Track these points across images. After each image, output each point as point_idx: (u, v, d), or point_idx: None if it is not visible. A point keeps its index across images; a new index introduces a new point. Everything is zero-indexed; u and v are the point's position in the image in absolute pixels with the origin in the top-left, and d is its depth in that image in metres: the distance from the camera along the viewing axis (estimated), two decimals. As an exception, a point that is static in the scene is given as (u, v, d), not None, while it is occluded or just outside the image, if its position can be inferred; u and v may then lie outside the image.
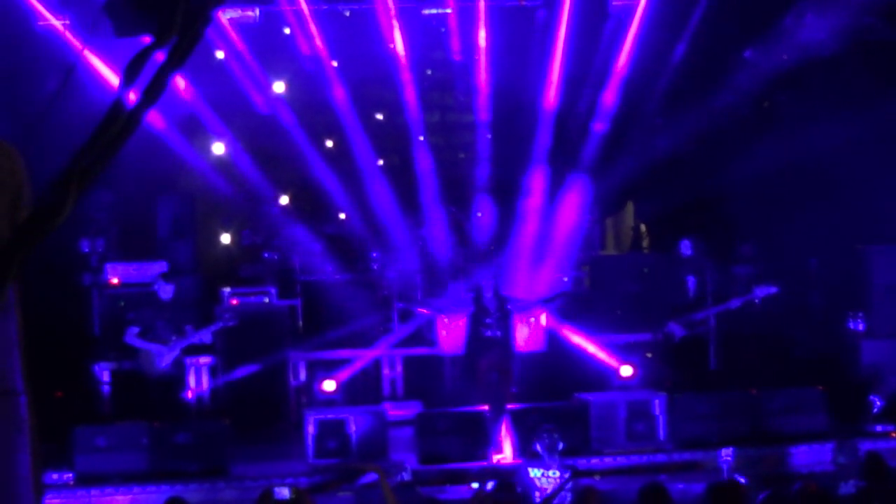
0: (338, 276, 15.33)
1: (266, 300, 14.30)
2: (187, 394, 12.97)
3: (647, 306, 14.11)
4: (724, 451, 10.16)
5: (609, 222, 18.96)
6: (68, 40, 13.60)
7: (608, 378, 12.97)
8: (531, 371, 13.26)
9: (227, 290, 14.32)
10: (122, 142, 2.74)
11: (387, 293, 14.84)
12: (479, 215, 15.98)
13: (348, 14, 15.57)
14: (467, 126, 17.35)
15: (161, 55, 2.83)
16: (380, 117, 18.03)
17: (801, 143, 13.66)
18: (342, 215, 16.74)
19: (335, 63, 15.55)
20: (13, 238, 2.77)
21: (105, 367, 13.19)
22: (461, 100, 17.28)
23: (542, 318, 13.80)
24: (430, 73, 17.50)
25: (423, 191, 16.06)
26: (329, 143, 17.51)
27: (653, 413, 11.94)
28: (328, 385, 12.57)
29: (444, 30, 15.76)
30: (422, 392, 13.73)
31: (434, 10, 15.42)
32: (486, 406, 11.80)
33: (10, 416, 3.53)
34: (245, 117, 15.79)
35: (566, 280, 15.11)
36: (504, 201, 15.76)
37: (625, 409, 11.91)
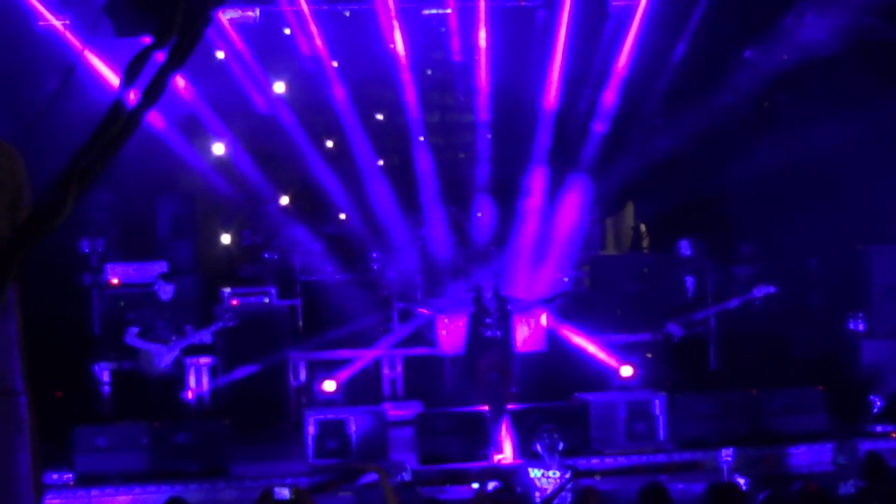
0: (338, 276, 15.33)
1: (266, 300, 14.29)
2: (187, 394, 12.96)
3: (647, 306, 14.10)
4: (725, 452, 10.17)
5: (609, 222, 18.95)
6: (68, 40, 13.60)
7: (608, 378, 12.97)
8: (531, 371, 13.26)
9: (227, 290, 14.31)
10: (123, 142, 2.74)
11: (387, 293, 14.84)
12: (479, 215, 15.98)
13: (348, 14, 15.56)
14: (467, 126, 17.35)
15: (161, 55, 2.82)
16: (380, 117, 18.03)
17: (801, 143, 13.65)
18: (342, 215, 16.74)
19: (335, 63, 15.54)
20: (13, 238, 2.77)
21: (105, 367, 13.19)
22: (461, 100, 17.27)
23: (542, 318, 13.79)
24: (430, 73, 17.50)
25: (423, 191, 16.05)
26: (329, 144, 17.51)
27: (653, 413, 11.93)
28: (328, 385, 12.57)
29: (444, 30, 15.75)
30: (422, 392, 13.72)
31: (434, 11, 15.42)
32: (486, 406, 11.79)
33: (10, 416, 3.53)
34: (245, 117, 15.79)
35: (566, 280, 15.11)
36: (504, 201, 15.76)
37: (625, 409, 11.90)
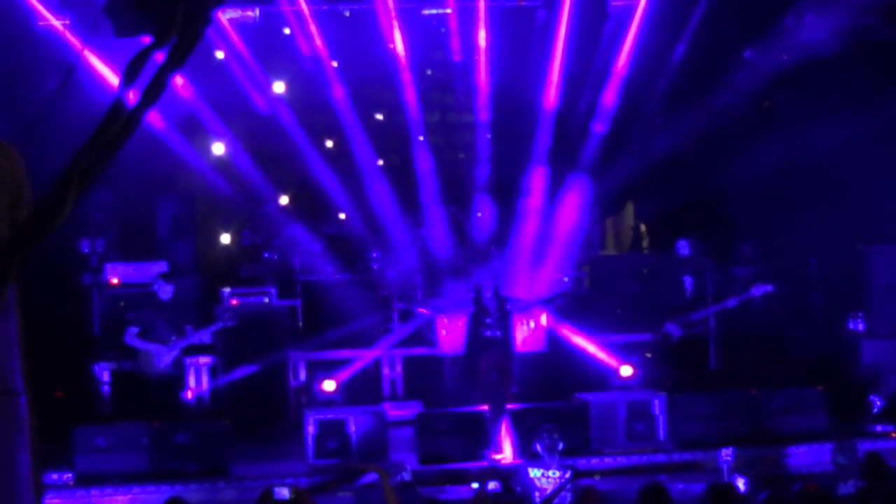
0: (338, 277, 15.33)
1: (266, 300, 14.29)
2: (187, 394, 12.96)
3: (646, 306, 14.10)
4: (725, 452, 10.17)
5: (609, 222, 18.95)
6: (68, 40, 13.60)
7: (608, 378, 12.97)
8: (531, 371, 13.25)
9: (227, 290, 14.31)
10: (122, 142, 2.74)
11: (387, 293, 14.84)
12: (479, 215, 15.98)
13: (348, 14, 15.57)
14: (467, 126, 17.35)
15: (161, 55, 2.82)
16: (380, 117, 18.03)
17: (801, 143, 13.65)
18: (342, 215, 16.74)
19: (335, 63, 15.55)
20: (13, 238, 2.77)
21: (105, 367, 13.19)
22: (461, 100, 17.27)
23: (542, 318, 13.79)
24: (430, 73, 17.50)
25: (423, 191, 16.06)
26: (329, 144, 17.51)
27: (653, 413, 11.93)
28: (328, 385, 12.57)
29: (444, 30, 15.75)
30: (422, 392, 13.72)
31: (434, 11, 15.42)
32: (486, 406, 11.78)
33: (10, 416, 3.53)
34: (245, 117, 15.79)
35: (566, 280, 15.11)
36: (504, 201, 15.76)
37: (625, 409, 11.90)
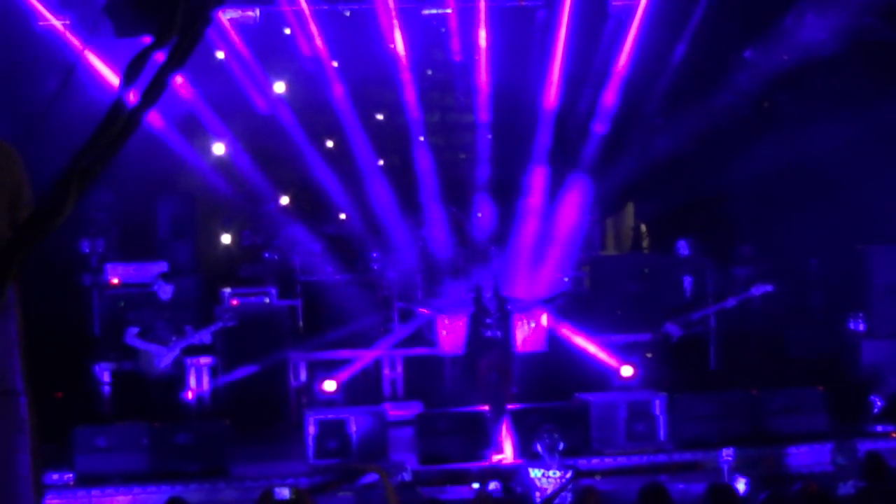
0: (338, 277, 15.33)
1: (266, 300, 14.30)
2: (187, 394, 12.96)
3: (647, 306, 14.10)
4: (725, 452, 10.17)
5: (609, 222, 18.95)
6: (68, 40, 13.60)
7: (608, 378, 12.97)
8: (531, 371, 13.25)
9: (228, 290, 14.32)
10: (123, 142, 2.74)
11: (387, 293, 14.84)
12: (479, 215, 15.98)
13: (348, 14, 15.56)
14: (467, 126, 17.35)
15: (161, 55, 2.82)
16: (380, 117, 18.02)
17: (801, 143, 13.66)
18: (342, 215, 16.74)
19: (335, 63, 15.55)
20: (13, 238, 2.77)
21: (105, 367, 13.19)
22: (461, 100, 17.27)
23: (543, 319, 13.79)
24: (430, 73, 17.50)
25: (424, 191, 16.06)
26: (329, 144, 17.51)
27: (653, 413, 11.92)
28: (328, 385, 12.57)
29: (444, 30, 15.75)
30: (422, 392, 13.72)
31: (434, 11, 15.42)
32: (486, 406, 11.78)
33: (11, 416, 3.53)
34: (245, 117, 15.79)
35: (566, 280, 15.11)
36: (504, 201, 15.76)
37: (625, 409, 11.90)
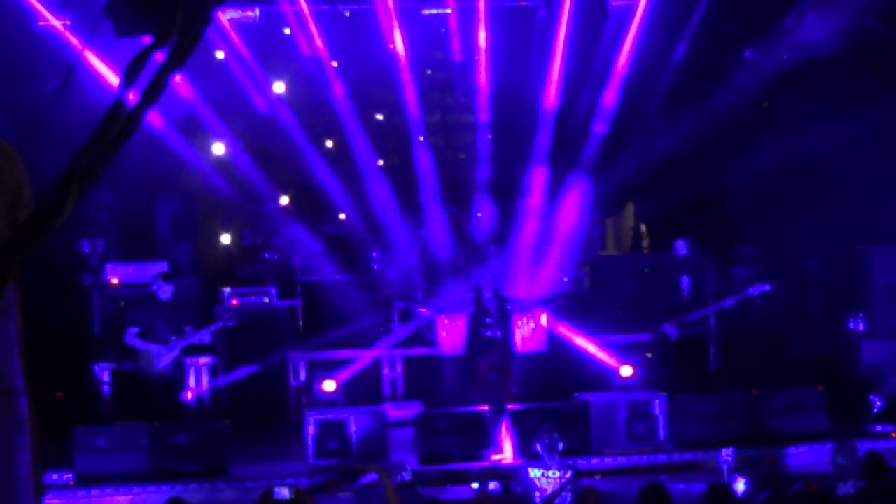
0: (338, 277, 15.33)
1: (266, 300, 14.30)
2: (187, 394, 12.96)
3: (647, 307, 14.10)
4: (725, 452, 10.17)
5: (609, 222, 18.94)
6: (68, 40, 13.60)
7: (608, 378, 12.97)
8: (531, 371, 13.26)
9: (228, 290, 14.32)
10: (123, 142, 2.73)
11: (387, 293, 14.84)
12: (479, 215, 15.98)
13: (348, 14, 15.56)
14: (467, 126, 17.35)
15: (161, 55, 2.82)
16: (380, 117, 18.02)
17: (801, 143, 13.66)
18: (342, 215, 16.74)
19: (335, 63, 15.55)
20: (13, 238, 2.77)
21: (105, 367, 13.19)
22: (461, 100, 17.27)
23: (543, 319, 13.79)
24: (430, 73, 17.50)
25: (424, 191, 16.06)
26: (329, 144, 17.51)
27: (653, 413, 11.92)
28: (328, 385, 12.57)
29: (444, 30, 15.75)
30: (422, 392, 13.72)
31: (434, 11, 15.42)
32: (486, 406, 11.79)
33: (11, 416, 3.53)
34: (245, 117, 15.78)
35: (566, 280, 15.11)
36: (504, 201, 15.76)
37: (625, 409, 11.90)
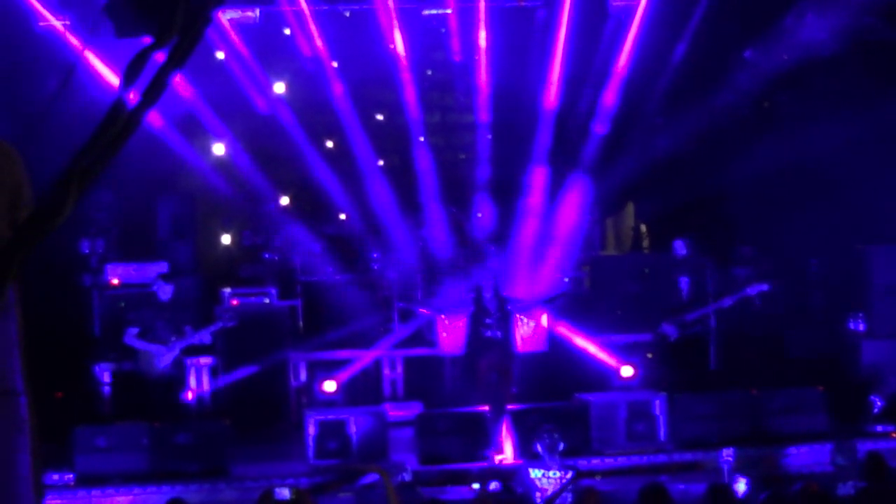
0: (338, 277, 15.33)
1: (266, 301, 14.30)
2: (187, 394, 12.96)
3: (647, 307, 14.09)
4: (725, 452, 10.17)
5: (609, 222, 18.94)
6: (69, 41, 13.60)
7: (609, 378, 12.97)
8: (531, 371, 13.25)
9: (228, 290, 14.32)
10: (123, 142, 2.73)
11: (387, 293, 14.84)
12: (479, 215, 15.98)
13: (348, 14, 15.56)
14: (467, 126, 17.34)
15: (161, 55, 2.82)
16: (380, 118, 18.02)
17: (801, 143, 13.66)
18: (342, 216, 16.74)
19: (335, 63, 15.54)
20: (13, 238, 2.77)
21: (105, 367, 13.19)
22: (461, 100, 17.26)
23: (543, 319, 13.79)
24: (430, 73, 17.49)
25: (424, 191, 16.05)
26: (329, 144, 17.50)
27: (653, 413, 11.93)
28: (328, 385, 12.57)
29: (444, 30, 15.75)
30: (422, 392, 13.72)
31: (434, 11, 15.42)
32: (486, 406, 11.79)
33: (11, 416, 3.53)
34: (245, 118, 15.78)
35: (566, 280, 15.11)
36: (504, 201, 15.76)
37: (625, 409, 11.90)
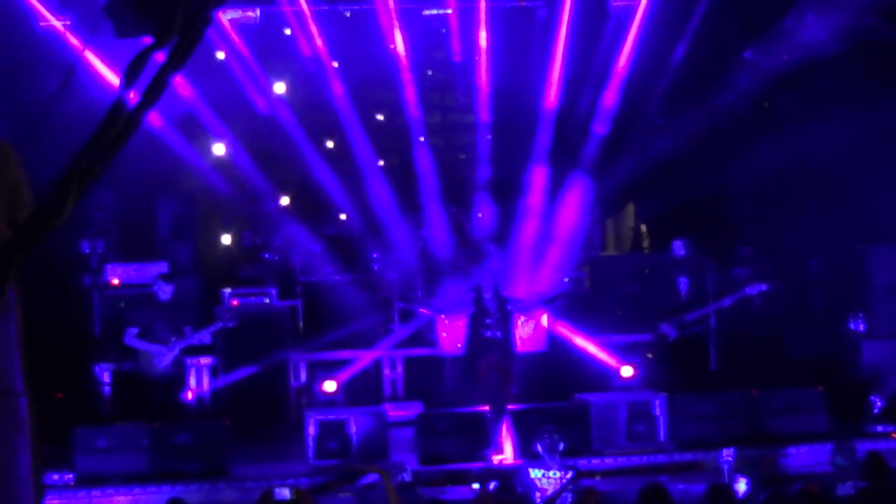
0: (338, 277, 15.33)
1: (266, 301, 14.29)
2: (187, 394, 12.95)
3: (647, 307, 14.09)
4: (725, 452, 10.17)
5: (609, 223, 18.93)
6: (69, 41, 13.60)
7: (609, 378, 12.96)
8: (531, 371, 13.25)
9: (228, 290, 14.32)
10: (123, 142, 2.74)
11: (387, 294, 14.84)
12: (479, 215, 15.98)
13: (349, 15, 15.57)
14: (468, 127, 17.33)
15: (161, 56, 2.82)
16: (380, 118, 18.02)
17: (801, 143, 13.66)
18: (342, 216, 16.74)
19: (336, 64, 15.54)
20: (13, 238, 2.77)
21: (105, 367, 13.19)
22: (462, 100, 17.26)
23: (543, 319, 13.79)
24: (430, 73, 17.49)
25: (424, 191, 16.05)
26: (329, 144, 17.50)
27: (653, 414, 11.93)
28: (329, 386, 12.56)
29: (444, 30, 15.75)
30: (422, 393, 13.72)
31: (434, 11, 15.42)
32: (486, 406, 11.79)
33: (11, 416, 3.53)
34: (245, 118, 15.78)
35: (566, 280, 15.10)
36: (504, 202, 15.76)
37: (625, 409, 11.90)
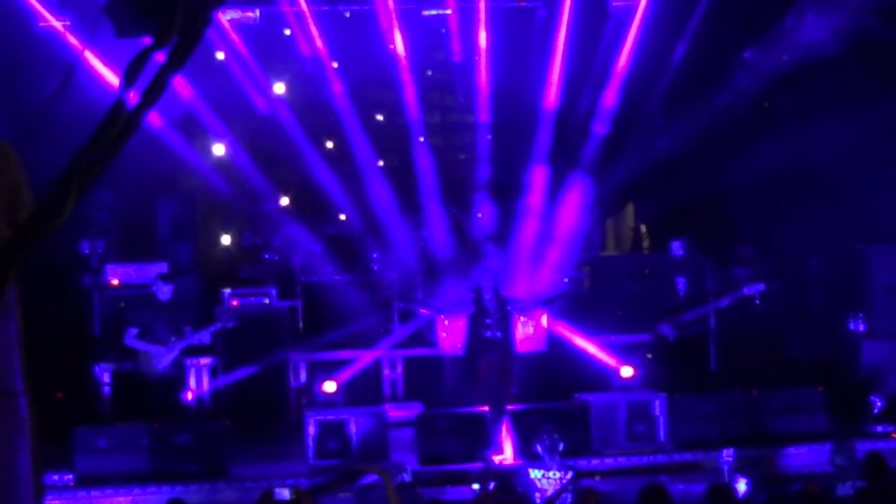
0: (338, 277, 15.33)
1: (266, 301, 14.29)
2: (187, 394, 12.95)
3: (647, 307, 14.09)
4: (725, 452, 10.17)
5: (609, 223, 18.94)
6: (69, 41, 13.60)
7: (608, 379, 12.97)
8: (531, 371, 13.24)
9: (228, 290, 14.31)
10: (123, 142, 2.74)
11: (387, 294, 14.84)
12: (479, 215, 15.98)
13: (349, 15, 15.57)
14: (468, 127, 17.34)
15: (161, 56, 2.82)
16: (380, 118, 18.02)
17: (801, 143, 13.66)
18: (342, 216, 16.74)
19: (335, 64, 15.54)
20: (13, 238, 2.77)
21: (105, 367, 13.19)
22: (461, 100, 17.27)
23: (543, 319, 13.79)
24: (430, 73, 17.50)
25: (424, 191, 16.04)
26: (329, 144, 17.50)
27: (653, 414, 11.93)
28: (328, 386, 12.57)
29: (444, 31, 15.75)
30: (422, 393, 13.72)
31: (434, 11, 15.42)
32: (486, 407, 11.79)
33: (11, 416, 3.53)
34: (245, 118, 15.78)
35: (566, 280, 15.10)
36: (504, 202, 15.76)
37: (625, 409, 11.90)
